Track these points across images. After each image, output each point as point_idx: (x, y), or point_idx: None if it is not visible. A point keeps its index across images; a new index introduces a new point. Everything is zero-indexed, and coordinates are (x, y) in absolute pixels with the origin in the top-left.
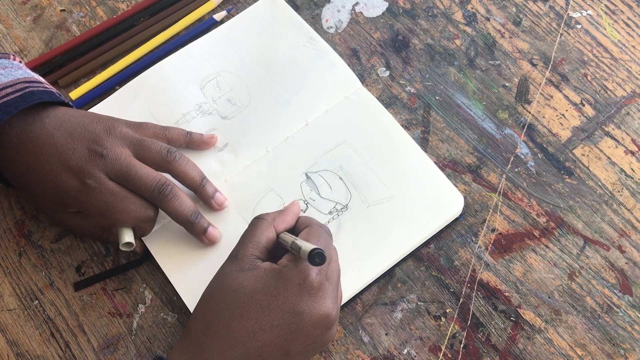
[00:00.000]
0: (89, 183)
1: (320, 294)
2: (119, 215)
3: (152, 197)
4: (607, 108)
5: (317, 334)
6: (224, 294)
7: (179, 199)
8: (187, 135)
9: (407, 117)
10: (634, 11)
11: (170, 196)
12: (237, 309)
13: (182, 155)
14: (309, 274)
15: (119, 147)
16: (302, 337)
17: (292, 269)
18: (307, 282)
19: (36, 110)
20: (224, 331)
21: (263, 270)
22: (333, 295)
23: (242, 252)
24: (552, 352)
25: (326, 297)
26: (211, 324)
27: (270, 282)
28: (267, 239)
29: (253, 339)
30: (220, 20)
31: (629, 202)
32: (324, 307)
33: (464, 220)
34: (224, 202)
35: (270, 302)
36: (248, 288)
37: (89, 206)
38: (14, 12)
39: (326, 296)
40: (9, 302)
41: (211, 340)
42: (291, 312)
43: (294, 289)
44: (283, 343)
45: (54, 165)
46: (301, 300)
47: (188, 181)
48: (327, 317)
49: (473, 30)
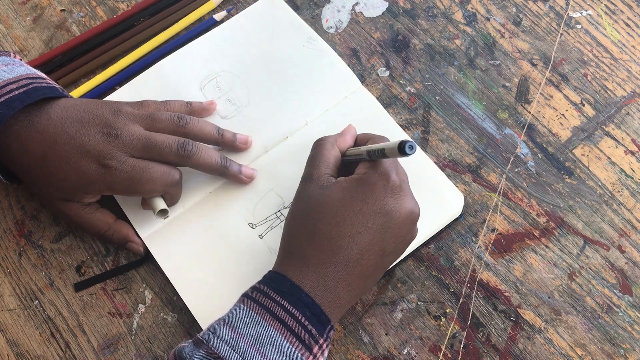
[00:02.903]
0: (110, 164)
1: (403, 193)
2: (146, 185)
3: (177, 157)
4: (607, 108)
5: (405, 230)
6: (315, 208)
7: (204, 151)
8: (187, 105)
9: (407, 117)
10: (634, 11)
11: (194, 150)
12: (333, 218)
13: (191, 117)
14: (390, 175)
15: (131, 125)
16: (395, 234)
17: (372, 174)
18: (390, 183)
19: (40, 104)
20: (326, 240)
21: (345, 182)
22: (411, 192)
23: (316, 173)
24: (552, 352)
25: (408, 194)
26: (313, 235)
27: (356, 189)
28: (335, 157)
29: (353, 243)
30: (220, 20)
31: (629, 202)
32: (408, 203)
33: (464, 220)
34: (248, 139)
35: (362, 206)
36: (337, 198)
37: (115, 185)
38: (14, 12)
39: (407, 193)
40: (9, 302)
41: (314, 249)
42: (382, 212)
43: (380, 191)
44: (379, 242)
45: (71, 153)
46: (388, 199)
47: (206, 136)
48: (412, 212)
49: (473, 30)
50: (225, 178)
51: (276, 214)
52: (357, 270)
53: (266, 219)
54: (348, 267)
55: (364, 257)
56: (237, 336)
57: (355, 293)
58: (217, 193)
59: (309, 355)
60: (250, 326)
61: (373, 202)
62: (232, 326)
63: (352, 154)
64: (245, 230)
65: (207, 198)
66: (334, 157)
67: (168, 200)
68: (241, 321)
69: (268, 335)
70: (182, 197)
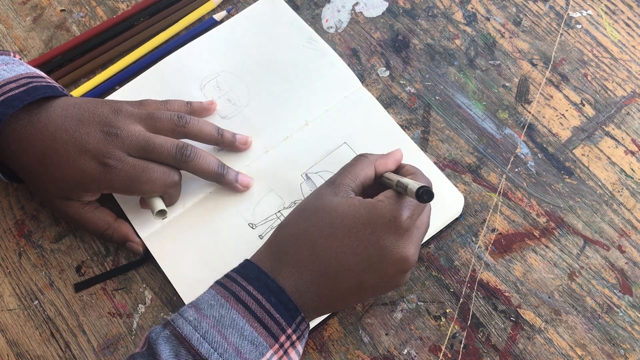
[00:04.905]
0: (110, 163)
1: (406, 236)
2: (145, 185)
3: (175, 161)
4: (607, 108)
5: (392, 273)
6: (316, 211)
7: (201, 157)
8: (187, 105)
9: (407, 117)
10: (634, 11)
11: (192, 156)
12: (326, 227)
13: (191, 117)
14: (402, 214)
15: (131, 124)
16: (379, 272)
17: (387, 205)
18: (398, 221)
19: (40, 103)
20: (309, 245)
21: (357, 200)
22: (417, 242)
23: (339, 180)
24: (552, 352)
25: (411, 241)
26: (298, 235)
27: (362, 212)
28: (366, 175)
29: (334, 260)
30: (220, 20)
31: (629, 202)
32: (406, 249)
33: (464, 220)
34: (248, 139)
35: (359, 229)
36: (340, 211)
37: (115, 184)
38: (14, 12)
39: (411, 240)
40: (9, 302)
41: (295, 249)
42: (375, 245)
43: (383, 224)
44: (360, 273)
45: (71, 151)
46: (387, 236)
47: (206, 136)
48: (406, 259)
49: (473, 30)
50: (221, 185)
51: (276, 214)
52: (329, 286)
53: (266, 219)
54: (321, 280)
55: (339, 278)
56: (201, 317)
57: (323, 305)
58: (217, 193)
59: (274, 343)
60: (214, 308)
61: (371, 231)
62: (197, 308)
63: (386, 179)
64: (246, 231)
65: (207, 198)
66: (365, 175)
67: (167, 201)
68: (206, 303)
69: (230, 318)
70: (182, 197)
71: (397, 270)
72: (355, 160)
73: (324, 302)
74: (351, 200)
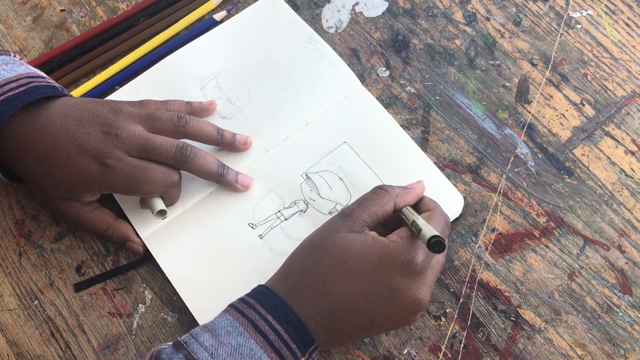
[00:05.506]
0: (110, 163)
1: (420, 279)
2: (145, 185)
3: (175, 161)
4: (607, 108)
5: (403, 314)
6: (328, 248)
7: (201, 157)
8: (187, 105)
9: (407, 117)
10: (634, 11)
11: (192, 156)
12: (338, 266)
13: (191, 117)
14: (416, 257)
15: (131, 124)
16: (390, 313)
17: (401, 246)
18: (412, 264)
19: (40, 103)
20: (320, 282)
21: (371, 238)
22: (430, 284)
23: (355, 214)
24: (552, 352)
25: (424, 283)
26: (310, 271)
27: (376, 252)
28: (385, 211)
29: (345, 300)
30: (220, 20)
31: (629, 202)
32: (419, 292)
33: (464, 220)
34: (247, 139)
35: (371, 270)
36: (353, 250)
37: (115, 184)
38: (14, 12)
39: (425, 283)
40: (9, 302)
41: (305, 285)
42: (387, 287)
43: (396, 266)
44: (371, 312)
45: (71, 151)
46: (400, 278)
47: (206, 137)
48: (418, 302)
49: (473, 30)
50: (221, 185)
51: (276, 214)
52: (339, 322)
53: (266, 219)
54: (331, 316)
55: (350, 316)
56: (218, 344)
57: (332, 338)
58: (218, 193)
59: None
60: (232, 336)
61: (384, 273)
62: (213, 333)
63: (404, 215)
64: (246, 231)
65: (207, 198)
66: (384, 211)
67: (167, 201)
68: (223, 330)
69: (248, 347)
70: (182, 197)
71: (408, 311)
72: (375, 194)
73: (333, 335)
74: (365, 237)
